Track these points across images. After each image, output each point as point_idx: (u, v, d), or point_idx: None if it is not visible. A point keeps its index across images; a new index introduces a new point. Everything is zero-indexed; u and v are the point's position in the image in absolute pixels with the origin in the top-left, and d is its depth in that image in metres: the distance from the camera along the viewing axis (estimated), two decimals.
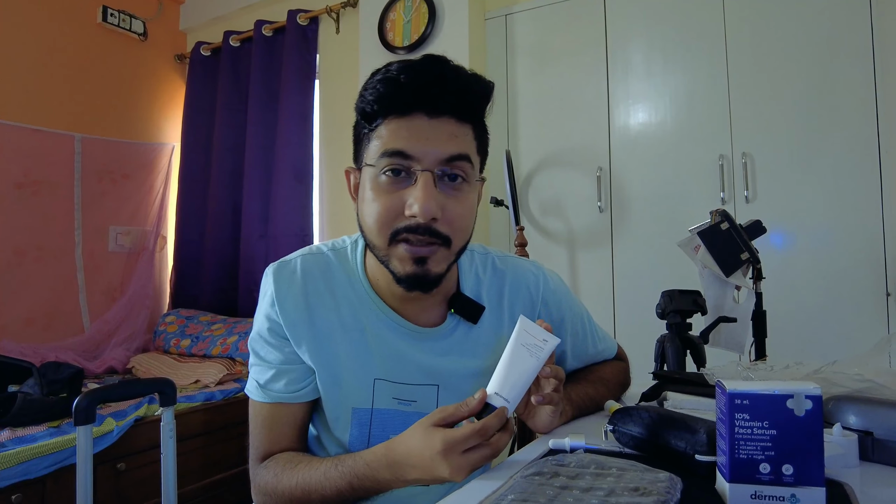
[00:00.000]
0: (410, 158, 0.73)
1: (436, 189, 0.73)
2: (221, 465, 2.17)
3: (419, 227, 0.73)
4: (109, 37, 2.93)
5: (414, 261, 0.75)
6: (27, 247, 2.56)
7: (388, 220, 0.75)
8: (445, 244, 0.76)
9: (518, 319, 0.64)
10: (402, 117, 0.74)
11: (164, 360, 2.54)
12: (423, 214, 0.72)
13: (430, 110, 0.74)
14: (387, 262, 0.77)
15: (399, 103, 0.74)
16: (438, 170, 0.74)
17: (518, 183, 2.36)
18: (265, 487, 0.81)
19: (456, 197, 0.76)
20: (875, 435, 0.68)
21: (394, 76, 0.73)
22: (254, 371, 0.86)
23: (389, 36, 2.50)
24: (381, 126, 0.75)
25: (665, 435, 0.67)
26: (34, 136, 2.58)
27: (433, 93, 0.73)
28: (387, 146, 0.74)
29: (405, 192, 0.74)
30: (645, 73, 2.20)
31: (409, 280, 0.76)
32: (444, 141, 0.74)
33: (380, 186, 0.75)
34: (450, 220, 0.75)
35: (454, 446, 0.64)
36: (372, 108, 0.75)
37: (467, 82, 0.75)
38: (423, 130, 0.73)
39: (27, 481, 1.58)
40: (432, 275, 0.76)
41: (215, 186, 2.96)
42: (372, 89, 0.75)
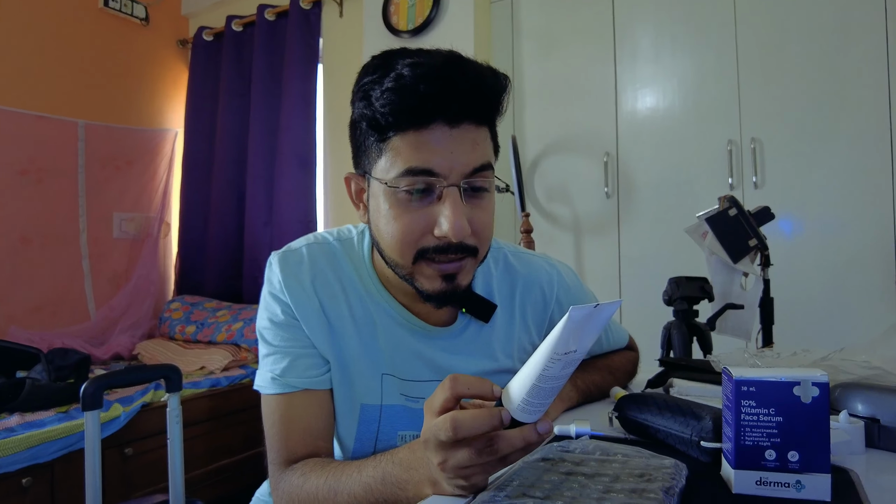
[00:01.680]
0: (435, 175, 0.67)
1: (463, 204, 0.69)
2: (227, 450, 2.19)
3: (450, 247, 0.69)
4: (111, 22, 2.91)
5: (443, 278, 0.72)
6: (32, 234, 2.57)
7: (412, 241, 0.70)
8: (473, 255, 0.73)
9: (567, 316, 0.46)
10: (420, 129, 0.67)
11: (169, 347, 2.56)
12: (455, 235, 0.67)
13: (450, 119, 0.67)
14: (411, 279, 0.73)
15: (418, 115, 0.66)
16: (464, 183, 0.69)
17: (524, 169, 2.34)
18: (291, 494, 0.72)
19: (480, 206, 0.71)
20: (882, 422, 0.68)
21: (409, 84, 0.65)
22: (266, 363, 0.79)
23: (393, 19, 2.47)
24: (394, 139, 0.68)
25: (670, 421, 0.67)
26: (37, 123, 2.58)
27: (454, 101, 0.66)
28: (409, 164, 0.67)
29: (431, 210, 0.69)
30: (653, 57, 2.17)
31: (439, 297, 0.72)
32: (468, 152, 0.68)
33: (401, 204, 0.69)
34: (477, 231, 0.71)
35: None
36: (386, 120, 0.67)
37: (486, 82, 0.69)
38: (444, 143, 0.67)
39: (37, 465, 1.60)
40: (462, 289, 0.73)
41: (219, 172, 2.96)
42: (384, 99, 0.66)
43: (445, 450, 0.53)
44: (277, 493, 0.75)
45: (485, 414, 0.51)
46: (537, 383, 0.49)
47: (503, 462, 0.53)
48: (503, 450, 0.51)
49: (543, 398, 0.51)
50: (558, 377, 0.50)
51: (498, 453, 0.51)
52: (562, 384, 0.51)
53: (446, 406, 0.54)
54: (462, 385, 0.54)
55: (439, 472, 0.55)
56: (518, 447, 0.52)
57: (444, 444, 0.52)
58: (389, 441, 0.81)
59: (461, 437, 0.51)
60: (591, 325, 0.49)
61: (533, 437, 0.51)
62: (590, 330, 0.49)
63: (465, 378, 0.55)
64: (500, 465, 0.54)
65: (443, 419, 0.52)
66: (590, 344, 0.50)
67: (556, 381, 0.50)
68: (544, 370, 0.49)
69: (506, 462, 0.54)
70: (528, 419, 0.52)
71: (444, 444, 0.52)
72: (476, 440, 0.52)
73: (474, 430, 0.51)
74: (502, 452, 0.51)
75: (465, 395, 0.54)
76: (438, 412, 0.54)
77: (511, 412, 0.51)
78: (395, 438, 0.82)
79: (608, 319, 0.49)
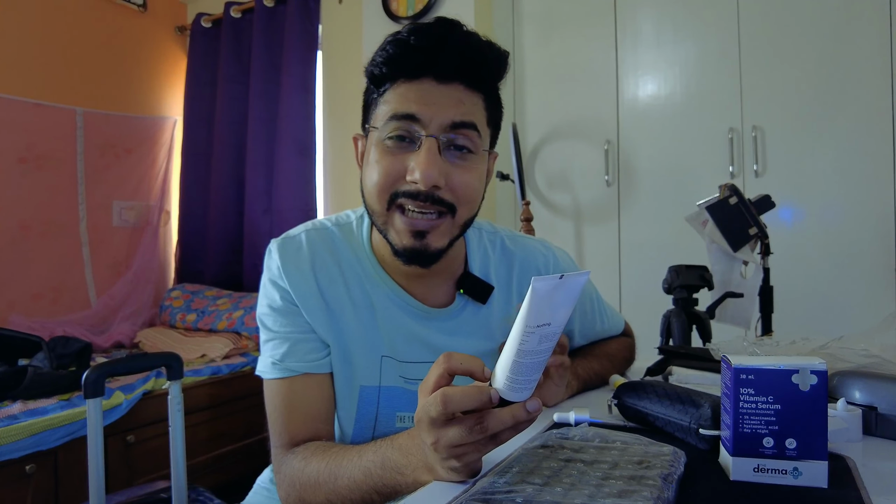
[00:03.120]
0: (416, 121, 0.71)
1: (440, 157, 0.71)
2: (228, 437, 2.21)
3: (420, 194, 0.71)
4: (109, 8, 2.89)
5: (412, 234, 0.73)
6: (32, 222, 2.57)
7: (387, 184, 0.72)
8: (450, 212, 0.73)
9: (530, 288, 0.47)
10: (410, 81, 0.72)
11: (170, 335, 2.56)
12: (424, 181, 0.69)
13: (439, 75, 0.71)
14: (385, 230, 0.75)
15: (408, 66, 0.71)
16: (444, 136, 0.71)
17: (524, 156, 2.34)
18: (293, 477, 0.73)
19: (462, 166, 0.73)
20: (879, 410, 0.69)
21: (404, 38, 0.71)
22: (266, 349, 0.81)
23: (393, 5, 2.45)
24: (389, 90, 0.73)
25: (669, 409, 0.67)
26: (35, 111, 2.56)
27: (443, 56, 0.70)
28: (394, 110, 0.72)
29: (408, 157, 0.72)
30: (654, 42, 2.16)
31: (408, 254, 0.74)
32: (451, 106, 0.71)
33: (384, 150, 0.73)
34: (454, 187, 0.72)
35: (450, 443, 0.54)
36: (381, 70, 0.73)
37: (479, 48, 0.73)
38: (430, 94, 0.71)
39: (40, 452, 1.61)
40: (432, 249, 0.74)
41: (218, 160, 2.95)
42: (381, 51, 0.73)
43: (437, 428, 0.54)
44: (280, 477, 0.76)
45: (474, 390, 0.53)
46: (517, 359, 0.50)
47: (494, 441, 0.54)
48: (493, 427, 0.52)
49: (527, 374, 0.51)
50: (537, 352, 0.50)
51: (488, 431, 0.52)
52: (543, 359, 0.52)
53: (440, 382, 0.55)
54: (455, 361, 0.56)
55: (433, 454, 0.56)
56: (508, 425, 0.53)
57: (435, 421, 0.53)
58: (388, 423, 0.82)
59: (451, 412, 0.53)
60: (562, 298, 0.49)
61: (522, 415, 0.52)
62: (562, 303, 0.49)
63: (459, 355, 0.56)
64: (491, 444, 0.55)
65: (433, 395, 0.53)
66: (565, 318, 0.50)
67: (537, 357, 0.51)
68: (521, 344, 0.49)
69: (497, 441, 0.55)
70: (517, 397, 0.52)
71: (436, 422, 0.53)
72: (466, 418, 0.53)
73: (463, 405, 0.52)
74: (492, 430, 0.52)
75: (459, 371, 0.56)
76: (432, 389, 0.55)
77: (499, 391, 0.52)
78: (394, 420, 0.83)
79: (578, 291, 0.49)
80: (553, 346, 0.51)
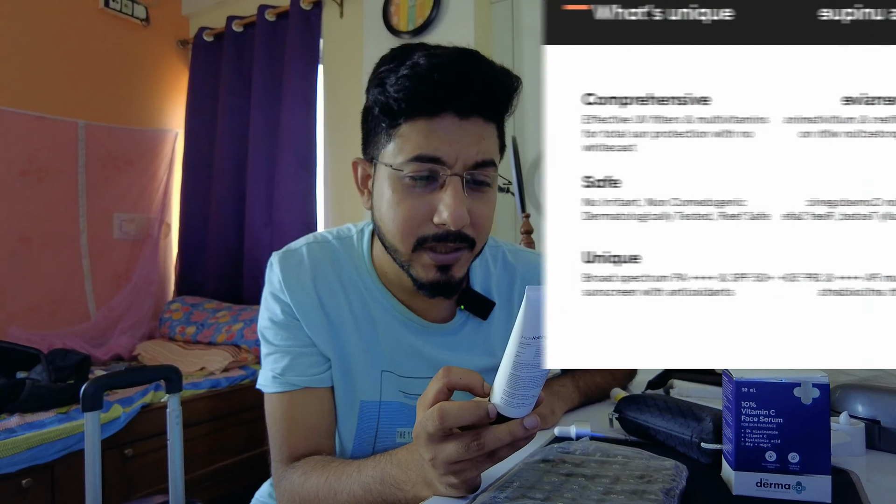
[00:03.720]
0: (441, 164, 0.69)
1: (464, 194, 0.70)
2: (227, 451, 2.19)
3: (449, 235, 0.70)
4: (112, 22, 2.91)
5: (438, 268, 0.73)
6: (32, 234, 2.57)
7: (413, 228, 0.71)
8: (470, 247, 0.74)
9: (524, 298, 0.47)
10: (430, 118, 0.69)
11: (169, 348, 2.56)
12: (455, 223, 0.68)
13: (460, 110, 0.69)
14: (408, 267, 0.74)
15: (429, 103, 0.69)
16: (467, 174, 0.70)
17: (524, 169, 2.34)
18: (293, 491, 0.73)
19: (481, 199, 0.73)
20: (882, 423, 0.68)
21: (424, 72, 0.67)
22: (267, 362, 0.80)
23: (394, 20, 2.47)
24: (404, 125, 0.70)
25: (671, 423, 0.67)
26: (38, 123, 2.58)
27: (466, 92, 0.69)
28: (417, 150, 0.69)
29: (432, 198, 0.70)
30: None
31: (433, 287, 0.73)
32: (473, 144, 0.70)
33: (404, 189, 0.71)
34: (476, 223, 0.72)
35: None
36: (399, 105, 0.69)
37: (499, 80, 0.72)
38: (453, 133, 0.69)
39: (36, 466, 1.60)
40: (455, 280, 0.74)
41: (219, 173, 2.96)
42: (398, 85, 0.68)
43: (434, 444, 0.53)
44: (279, 491, 0.76)
45: (471, 405, 0.52)
46: (514, 372, 0.50)
47: (492, 458, 0.54)
48: (490, 444, 0.52)
49: (525, 389, 0.51)
50: (533, 365, 0.49)
51: (485, 448, 0.52)
52: (541, 375, 0.51)
53: (438, 397, 0.54)
54: (455, 376, 0.55)
55: (431, 470, 0.55)
56: (505, 442, 0.52)
57: (432, 437, 0.53)
58: (388, 438, 0.82)
59: (447, 427, 0.52)
60: None
61: (520, 432, 0.52)
62: None
63: (458, 370, 0.56)
64: (488, 461, 0.54)
65: (431, 410, 0.53)
66: None
67: (534, 371, 0.50)
68: (517, 357, 0.49)
69: (494, 458, 0.54)
70: (515, 414, 0.52)
71: (433, 438, 0.53)
72: (464, 435, 0.52)
73: (460, 420, 0.52)
74: (489, 447, 0.52)
75: (458, 386, 0.55)
76: (430, 404, 0.54)
77: (497, 406, 0.52)
78: (394, 435, 0.82)
79: None
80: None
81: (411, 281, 0.75)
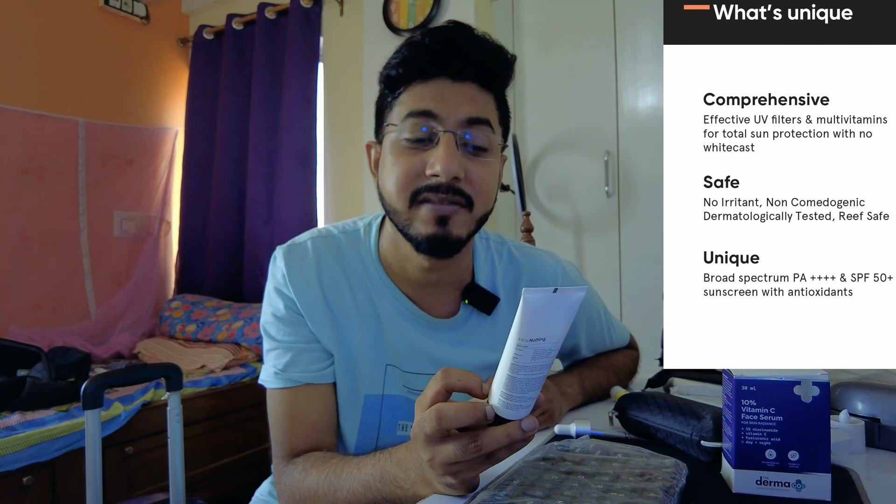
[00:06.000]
0: (433, 117, 0.72)
1: (458, 151, 0.72)
2: (227, 449, 2.19)
3: (441, 186, 0.71)
4: (112, 20, 2.91)
5: (437, 220, 0.73)
6: (33, 232, 2.57)
7: (408, 181, 0.73)
8: (468, 205, 0.74)
9: (522, 299, 0.46)
10: (425, 81, 0.74)
11: (169, 346, 2.56)
12: (445, 173, 0.70)
13: (454, 74, 0.73)
14: (408, 227, 0.74)
15: (423, 66, 0.74)
16: (460, 132, 0.73)
17: (524, 167, 2.34)
18: (293, 488, 0.73)
19: (478, 161, 0.74)
20: (882, 422, 0.68)
21: (418, 40, 0.74)
22: (270, 358, 0.81)
23: (394, 18, 2.47)
24: (404, 91, 0.75)
25: (671, 421, 0.67)
26: (38, 122, 2.58)
27: (457, 56, 0.73)
28: (411, 108, 0.73)
29: (427, 154, 0.73)
30: (654, 54, 2.17)
31: (430, 241, 0.73)
32: (466, 103, 0.73)
33: (401, 150, 0.74)
34: (472, 181, 0.73)
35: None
36: (397, 71, 0.75)
37: (491, 50, 0.76)
38: (445, 91, 0.73)
39: (37, 464, 1.60)
40: (454, 236, 0.74)
41: (219, 171, 2.96)
42: (397, 54, 0.75)
43: (432, 445, 0.53)
44: (280, 487, 0.76)
45: (468, 406, 0.52)
46: (511, 374, 0.50)
47: (489, 460, 0.54)
48: (487, 446, 0.51)
49: (522, 391, 0.50)
50: (531, 367, 0.49)
51: (482, 450, 0.52)
52: (539, 377, 0.50)
53: (436, 399, 0.54)
54: (453, 377, 0.55)
55: (429, 470, 0.55)
56: (503, 444, 0.52)
57: (430, 438, 0.53)
58: (390, 432, 0.82)
59: (445, 429, 0.52)
60: (557, 313, 0.48)
61: (517, 435, 0.52)
62: (556, 318, 0.48)
63: (456, 371, 0.56)
64: (486, 462, 0.54)
65: (428, 412, 0.53)
66: (561, 335, 0.49)
67: (532, 373, 0.50)
68: (514, 359, 0.49)
69: (492, 460, 0.54)
70: (513, 415, 0.52)
71: (431, 439, 0.53)
72: (461, 436, 0.52)
73: (458, 422, 0.52)
74: (487, 449, 0.52)
75: (456, 388, 0.55)
76: (428, 405, 0.54)
77: (494, 408, 0.52)
78: (396, 428, 0.82)
79: (576, 307, 0.48)
80: (550, 363, 0.51)
81: (411, 245, 0.75)
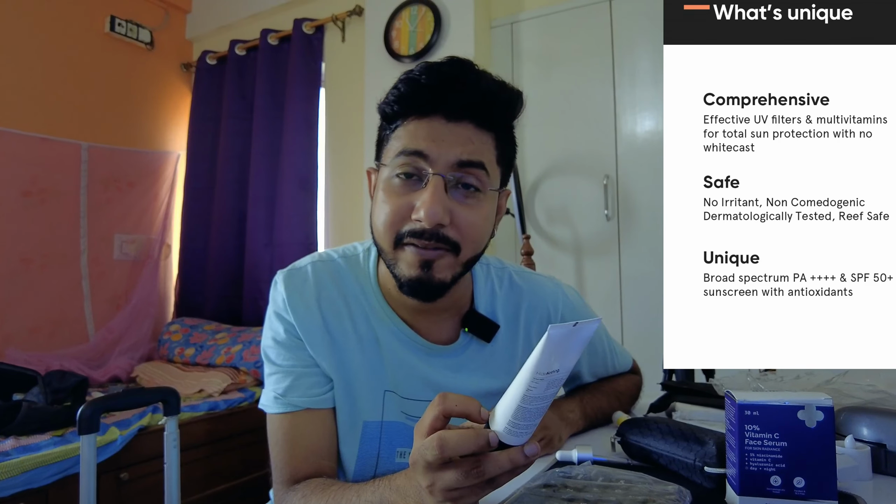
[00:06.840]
0: (424, 158, 0.71)
1: (446, 195, 0.71)
2: (225, 475, 2.16)
3: (424, 233, 0.71)
4: (117, 46, 2.95)
5: (420, 265, 0.72)
6: (33, 254, 2.57)
7: (394, 223, 0.72)
8: (454, 251, 0.73)
9: (545, 335, 0.46)
10: (420, 119, 0.73)
11: (168, 369, 2.54)
12: (429, 219, 0.69)
13: (449, 114, 0.72)
14: (393, 266, 0.74)
15: (418, 104, 0.73)
16: (451, 175, 0.71)
17: (524, 191, 2.35)
18: None
19: (468, 205, 0.73)
20: (888, 447, 0.67)
21: (415, 77, 0.72)
22: (270, 382, 0.80)
23: (395, 44, 2.51)
24: (400, 127, 0.74)
25: (673, 446, 0.66)
26: (41, 145, 2.60)
27: (452, 95, 0.71)
28: (403, 146, 0.72)
29: (415, 195, 0.71)
30: (652, 80, 2.20)
31: (412, 284, 0.73)
32: (459, 145, 0.71)
33: (391, 188, 0.73)
34: (459, 226, 0.72)
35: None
36: (392, 108, 0.74)
37: (490, 88, 0.73)
38: (439, 132, 0.72)
39: (31, 490, 1.57)
40: (436, 281, 0.73)
41: (220, 195, 2.97)
42: (394, 90, 0.74)
43: (433, 471, 0.52)
44: None
45: (472, 434, 0.51)
46: (522, 404, 0.49)
47: (491, 485, 0.53)
48: (490, 471, 0.51)
49: (529, 419, 0.50)
50: (542, 397, 0.49)
51: (485, 475, 0.51)
52: (547, 405, 0.50)
53: (434, 425, 0.54)
54: (451, 402, 0.54)
55: (428, 497, 0.54)
56: (505, 469, 0.51)
57: (431, 465, 0.52)
58: (389, 459, 0.81)
59: (447, 457, 0.51)
60: (573, 345, 0.48)
61: (520, 460, 0.51)
62: (571, 349, 0.48)
63: (454, 396, 0.55)
64: (488, 487, 0.53)
65: (430, 439, 0.52)
66: (572, 363, 0.49)
67: (541, 402, 0.50)
68: (528, 391, 0.48)
69: (493, 485, 0.53)
70: (516, 441, 0.51)
71: (432, 466, 0.52)
72: (463, 462, 0.51)
73: (461, 450, 0.51)
74: (489, 474, 0.51)
75: (454, 413, 0.54)
76: (427, 431, 0.53)
77: (498, 434, 0.51)
78: (395, 455, 0.81)
79: (588, 338, 0.49)
80: (557, 391, 0.51)
81: (396, 281, 0.75)
